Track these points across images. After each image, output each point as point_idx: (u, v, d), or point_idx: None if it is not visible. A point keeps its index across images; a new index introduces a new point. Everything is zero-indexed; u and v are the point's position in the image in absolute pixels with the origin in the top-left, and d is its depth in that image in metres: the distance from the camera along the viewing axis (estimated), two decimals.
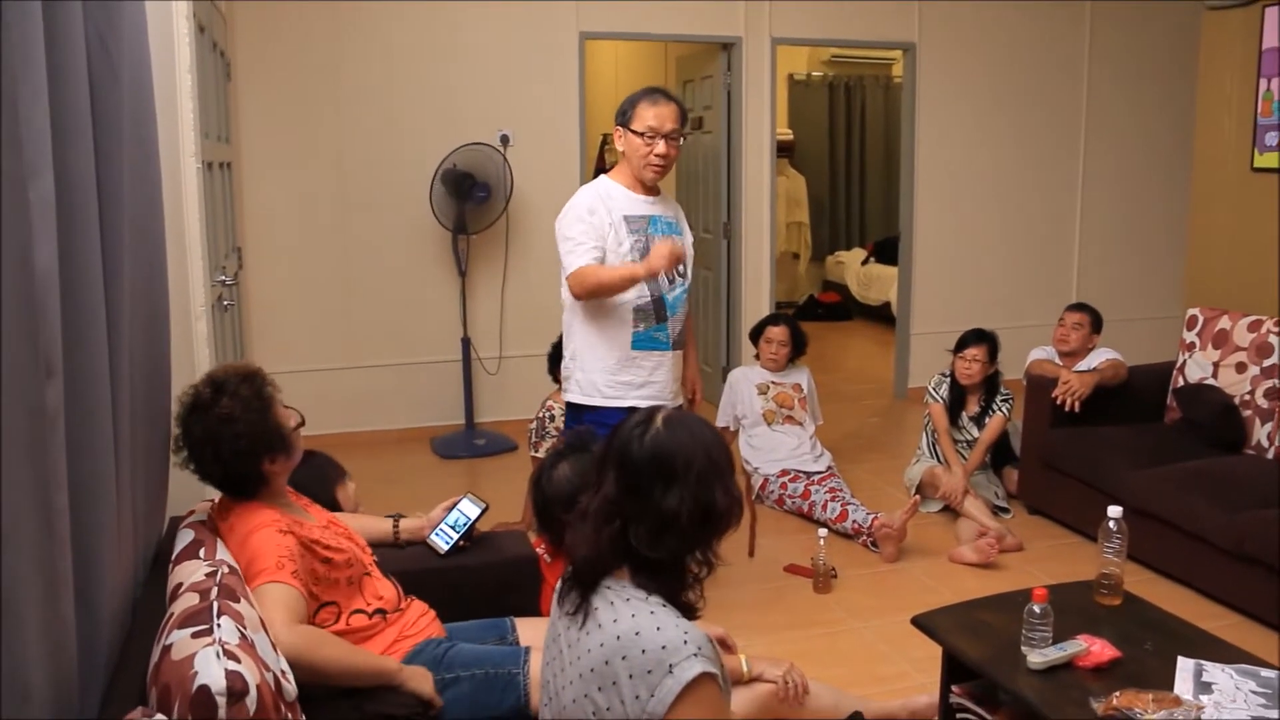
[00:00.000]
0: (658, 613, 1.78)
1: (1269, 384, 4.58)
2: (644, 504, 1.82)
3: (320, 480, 3.18)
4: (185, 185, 3.50)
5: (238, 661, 1.67)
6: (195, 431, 2.34)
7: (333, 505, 3.13)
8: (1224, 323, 4.85)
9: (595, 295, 3.48)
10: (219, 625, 1.77)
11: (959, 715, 2.75)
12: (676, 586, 1.87)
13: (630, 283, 3.43)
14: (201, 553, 2.19)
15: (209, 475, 2.39)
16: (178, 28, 3.46)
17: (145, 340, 2.25)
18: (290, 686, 1.90)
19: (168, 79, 3.34)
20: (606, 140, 9.71)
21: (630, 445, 1.84)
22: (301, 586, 2.28)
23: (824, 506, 4.85)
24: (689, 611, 1.89)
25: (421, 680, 2.37)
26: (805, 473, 5.11)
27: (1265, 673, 2.48)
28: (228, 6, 5.50)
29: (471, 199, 5.98)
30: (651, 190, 3.63)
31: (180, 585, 1.99)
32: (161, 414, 2.40)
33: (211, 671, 1.62)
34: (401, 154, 6.13)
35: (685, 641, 1.74)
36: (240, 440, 2.33)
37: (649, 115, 3.47)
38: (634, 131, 3.49)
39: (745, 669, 2.87)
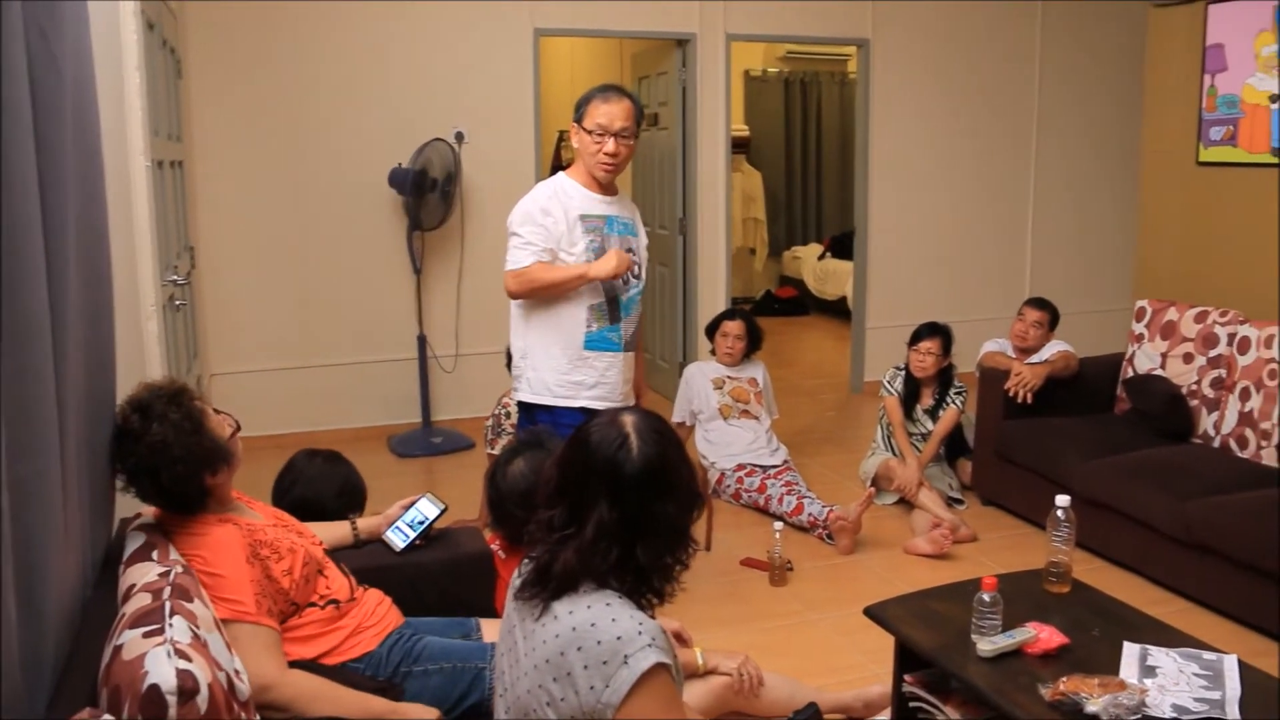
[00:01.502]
0: (613, 604, 1.79)
1: (1215, 374, 4.66)
2: (652, 522, 1.83)
3: (351, 493, 3.19)
4: (134, 183, 3.47)
5: (189, 660, 1.66)
6: (129, 462, 2.28)
7: (335, 516, 3.09)
8: (1171, 314, 4.93)
9: (534, 295, 3.47)
10: (171, 624, 1.76)
11: (911, 704, 2.78)
12: (659, 582, 1.88)
13: (578, 282, 3.43)
14: (154, 555, 2.17)
15: (150, 499, 2.34)
16: (125, 25, 3.43)
17: (90, 339, 2.22)
18: (243, 686, 1.90)
19: (115, 76, 3.31)
20: (563, 137, 9.71)
21: (621, 466, 1.82)
22: (277, 624, 2.30)
23: (780, 500, 4.88)
24: (660, 598, 1.90)
25: (423, 717, 2.36)
26: (761, 467, 5.14)
27: (1208, 655, 2.53)
28: (178, 5, 5.45)
29: (436, 192, 5.96)
30: (609, 189, 3.62)
31: (133, 586, 1.98)
32: (108, 415, 2.37)
33: (162, 670, 1.61)
34: (356, 151, 6.09)
35: (640, 632, 1.75)
36: (178, 465, 2.26)
37: (599, 113, 3.46)
38: (585, 129, 3.49)
39: (700, 662, 2.88)
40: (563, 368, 3.54)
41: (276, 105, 5.96)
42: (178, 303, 4.24)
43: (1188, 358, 4.79)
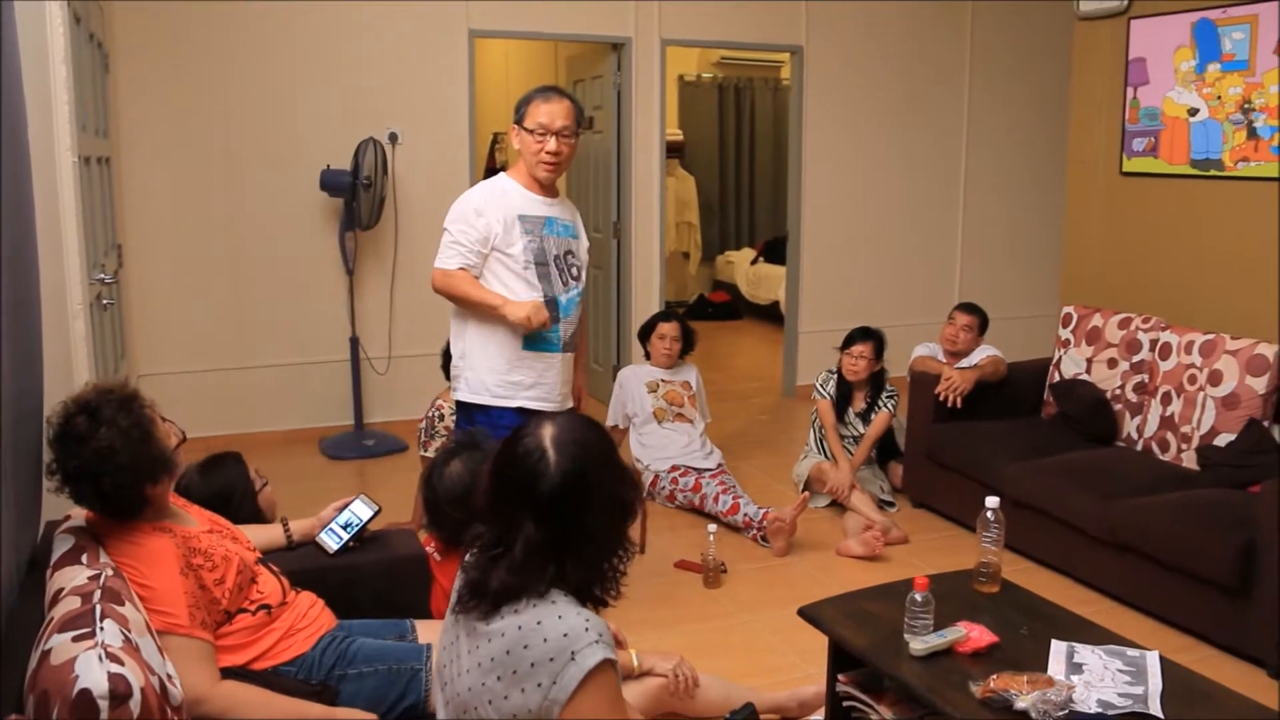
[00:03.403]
0: (559, 602, 1.79)
1: (1138, 379, 4.77)
2: (574, 535, 1.81)
3: (246, 486, 3.13)
4: (60, 180, 3.39)
5: (121, 664, 1.63)
6: (70, 465, 2.19)
7: (255, 513, 3.07)
8: (1096, 320, 5.03)
9: (452, 300, 3.59)
10: (101, 628, 1.73)
11: (845, 703, 2.81)
12: (602, 586, 1.88)
13: (491, 312, 3.49)
14: (84, 558, 2.12)
15: (87, 503, 2.28)
16: (51, 18, 3.36)
17: (15, 338, 2.17)
18: (176, 690, 1.87)
19: (41, 71, 3.24)
20: (497, 140, 9.68)
21: (538, 482, 1.79)
22: (211, 635, 2.28)
23: (715, 499, 4.91)
24: (603, 604, 1.90)
25: None
26: (696, 469, 5.15)
27: (1131, 652, 2.60)
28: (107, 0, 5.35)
29: (369, 193, 5.90)
30: (550, 191, 3.62)
31: (61, 590, 1.94)
32: (34, 416, 2.32)
33: (93, 675, 1.58)
34: (288, 150, 6.02)
35: (587, 629, 1.75)
36: (122, 473, 2.20)
37: (540, 111, 3.47)
38: (526, 128, 3.49)
39: (635, 664, 2.89)
40: (501, 368, 3.54)
41: (207, 103, 5.87)
42: (105, 302, 4.16)
43: (1112, 363, 4.90)
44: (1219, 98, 5.29)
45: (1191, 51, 5.42)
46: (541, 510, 1.79)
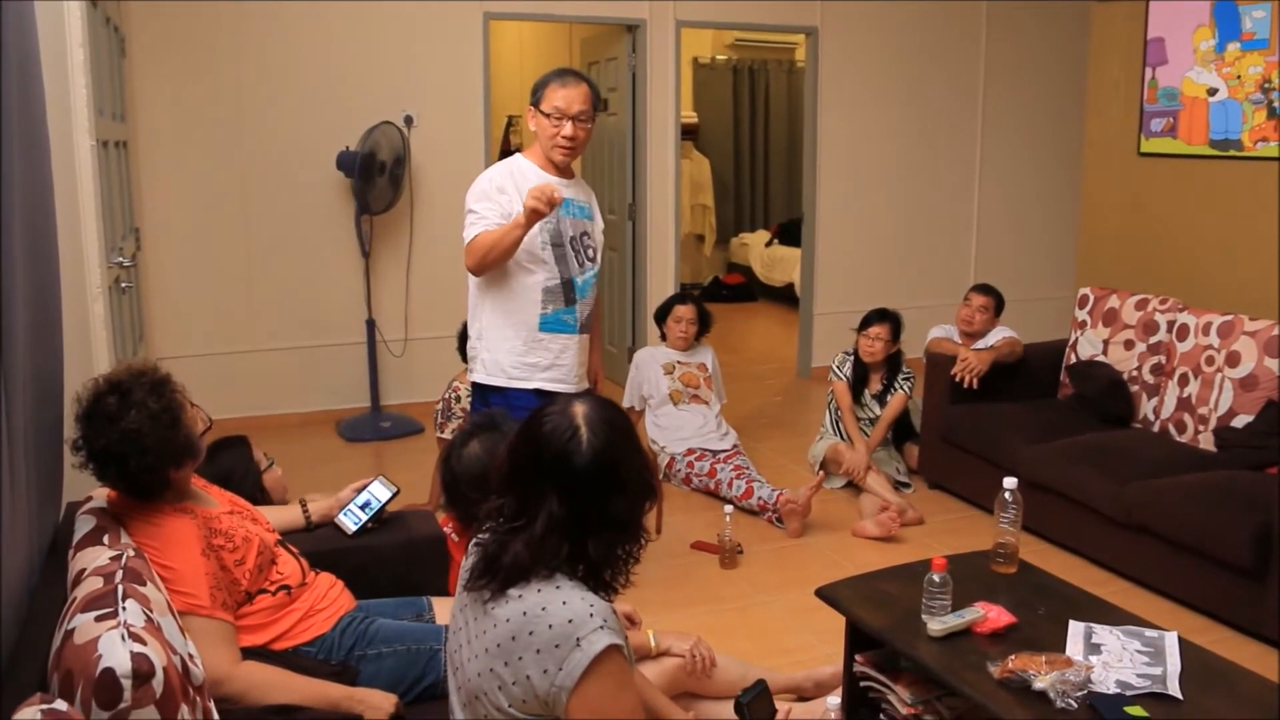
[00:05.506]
0: (563, 587, 1.79)
1: (1155, 360, 4.75)
2: (603, 517, 1.81)
3: (246, 469, 3.14)
4: (79, 164, 3.41)
5: (143, 644, 1.64)
6: (97, 444, 2.19)
7: (260, 491, 3.10)
8: (1113, 301, 5.01)
9: (488, 261, 3.41)
10: (124, 608, 1.75)
11: (862, 684, 2.82)
12: (612, 572, 1.88)
13: (516, 232, 3.33)
14: (105, 539, 2.14)
15: (110, 482, 2.29)
16: (68, 3, 3.36)
17: (37, 320, 2.18)
18: (198, 670, 1.88)
19: (58, 54, 3.25)
20: (511, 122, 9.67)
21: (570, 459, 1.79)
22: (231, 616, 2.29)
23: (730, 484, 4.92)
24: (611, 591, 1.89)
25: (380, 704, 2.34)
26: (711, 451, 5.16)
27: (1149, 633, 2.59)
28: None
29: (384, 176, 5.90)
30: (565, 172, 3.62)
31: (83, 571, 1.96)
32: (55, 398, 2.33)
33: (116, 654, 1.59)
34: (303, 133, 6.02)
35: (591, 614, 1.75)
36: (148, 456, 2.20)
37: (557, 96, 3.45)
38: (543, 112, 3.48)
39: (653, 644, 2.90)
40: (518, 349, 3.54)
41: (222, 86, 5.87)
42: (123, 285, 4.18)
43: (1129, 344, 4.88)
44: (1239, 77, 5.25)
45: (1211, 31, 5.38)
46: (569, 487, 1.79)
